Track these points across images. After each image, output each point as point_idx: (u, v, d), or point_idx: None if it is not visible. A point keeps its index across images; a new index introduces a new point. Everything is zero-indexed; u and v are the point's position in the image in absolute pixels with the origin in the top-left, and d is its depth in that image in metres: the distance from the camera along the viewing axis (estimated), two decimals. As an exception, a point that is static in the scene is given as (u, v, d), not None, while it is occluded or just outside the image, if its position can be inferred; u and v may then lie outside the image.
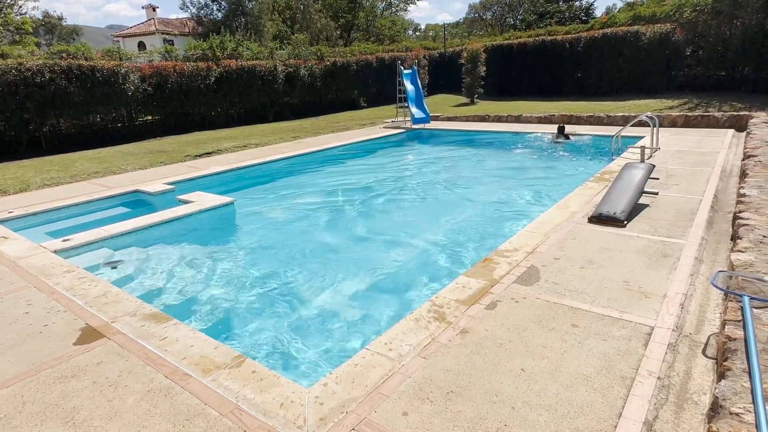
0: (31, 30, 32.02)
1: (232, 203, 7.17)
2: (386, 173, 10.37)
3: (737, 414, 2.12)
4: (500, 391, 2.59)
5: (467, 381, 2.68)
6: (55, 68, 12.94)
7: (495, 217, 7.02)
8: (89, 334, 3.38)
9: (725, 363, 2.52)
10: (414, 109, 15.31)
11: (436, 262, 5.45)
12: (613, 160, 8.65)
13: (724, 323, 2.91)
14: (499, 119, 15.29)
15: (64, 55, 14.41)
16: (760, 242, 3.91)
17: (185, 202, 7.09)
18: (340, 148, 12.35)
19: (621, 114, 13.27)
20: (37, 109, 12.73)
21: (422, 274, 5.13)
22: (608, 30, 19.15)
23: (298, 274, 5.24)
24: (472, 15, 50.95)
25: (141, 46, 41.08)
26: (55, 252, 5.19)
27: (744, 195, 5.24)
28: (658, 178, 6.71)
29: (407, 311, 3.88)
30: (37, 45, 28.23)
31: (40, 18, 48.26)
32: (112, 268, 5.28)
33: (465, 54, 21.30)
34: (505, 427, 2.33)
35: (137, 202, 7.91)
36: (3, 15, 30.22)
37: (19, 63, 12.42)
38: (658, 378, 2.64)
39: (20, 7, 34.67)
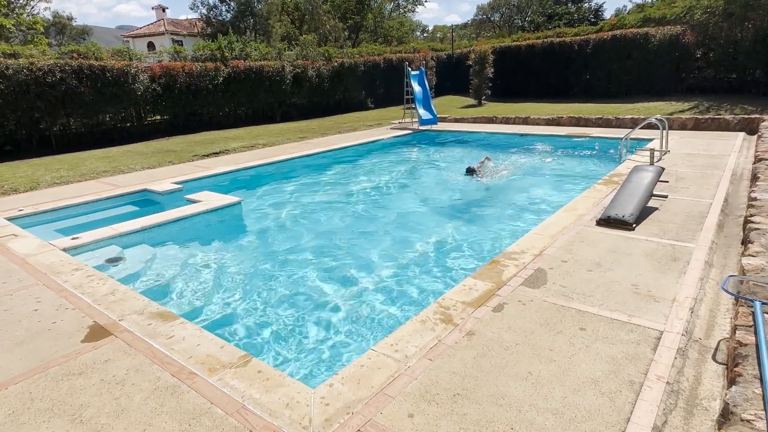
0: (42, 30, 32.37)
1: (239, 203, 7.20)
2: (392, 174, 10.36)
3: (748, 421, 2.09)
4: (507, 394, 2.57)
5: (473, 383, 2.66)
6: (66, 68, 13.07)
7: (500, 218, 6.98)
8: (97, 332, 3.40)
9: (736, 369, 2.49)
10: (421, 111, 15.29)
11: (442, 263, 5.43)
12: (621, 162, 8.58)
13: (734, 328, 2.87)
14: (506, 121, 15.23)
15: (74, 55, 14.56)
16: (772, 247, 3.86)
17: (193, 201, 7.12)
18: (347, 148, 12.37)
19: (630, 116, 13.18)
20: (47, 109, 12.86)
21: (429, 275, 5.12)
22: (617, 32, 19.04)
23: (304, 274, 5.25)
24: (480, 16, 50.86)
25: (150, 46, 41.43)
26: (64, 250, 5.23)
27: (755, 199, 5.19)
28: (667, 181, 6.65)
29: (414, 312, 3.88)
30: (48, 45, 28.54)
31: (50, 18, 48.74)
32: (114, 265, 5.30)
33: (473, 55, 21.26)
34: (512, 430, 2.31)
35: (145, 201, 7.96)
36: (15, 15, 30.58)
37: (30, 63, 12.56)
38: (667, 383, 2.61)
39: (32, 7, 35.08)
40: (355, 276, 5.21)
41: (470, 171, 9.50)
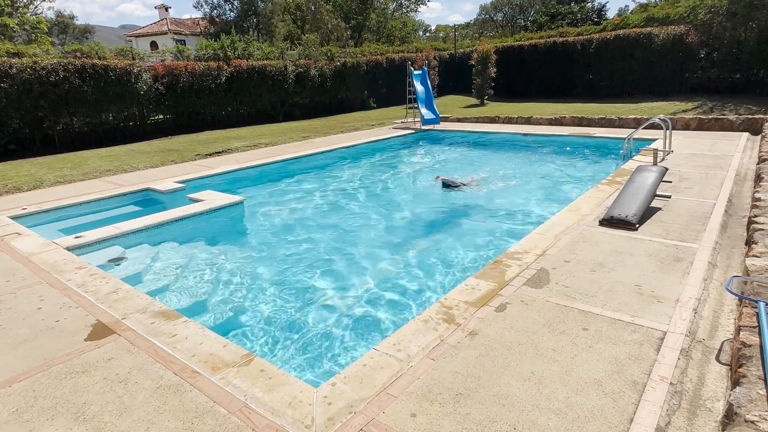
0: (46, 29, 32.46)
1: (241, 202, 7.21)
2: (395, 173, 10.36)
3: (753, 422, 2.08)
4: (509, 394, 2.57)
5: (476, 383, 2.66)
6: (69, 67, 13.10)
7: (504, 220, 6.97)
8: (100, 331, 3.41)
9: (740, 369, 2.48)
10: (424, 110, 15.28)
11: (445, 263, 5.42)
12: (625, 162, 8.56)
13: (738, 329, 2.86)
14: (509, 121, 15.21)
15: (78, 54, 14.58)
16: (776, 247, 3.84)
17: (195, 200, 7.13)
18: (350, 148, 12.37)
19: (633, 116, 13.14)
20: (51, 108, 12.89)
21: (432, 275, 5.11)
22: (620, 31, 18.98)
23: (307, 274, 5.25)
24: (483, 16, 50.75)
25: (153, 45, 41.48)
26: (68, 249, 5.24)
27: (759, 199, 5.17)
28: (670, 182, 6.63)
29: (416, 312, 3.87)
30: (51, 44, 28.63)
31: (53, 18, 48.88)
32: (117, 264, 5.32)
33: (475, 55, 21.23)
34: (514, 430, 2.31)
35: (148, 201, 7.98)
36: (19, 14, 30.68)
37: (34, 62, 12.59)
38: (671, 384, 2.60)
39: (36, 6, 35.19)
40: (358, 275, 5.20)
41: (445, 183, 8.62)
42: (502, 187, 8.65)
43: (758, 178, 6.26)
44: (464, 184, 8.72)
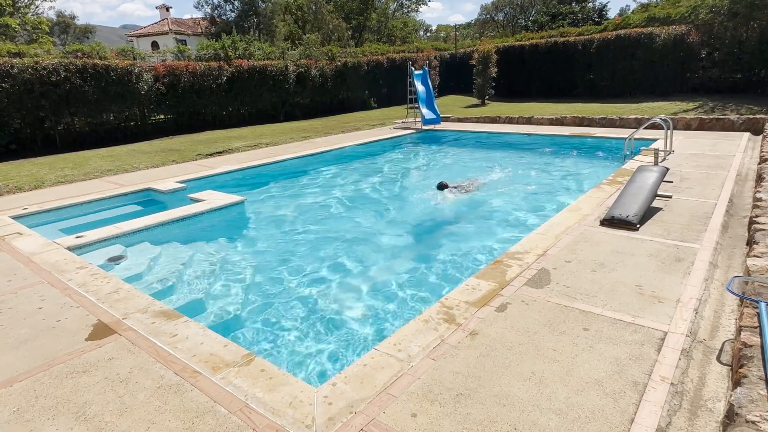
0: (47, 29, 32.51)
1: (242, 202, 7.21)
2: (396, 173, 10.36)
3: (754, 422, 2.07)
4: (510, 394, 2.57)
5: (476, 383, 2.66)
6: (71, 67, 13.12)
7: (504, 220, 6.97)
8: (101, 330, 3.42)
9: (741, 370, 2.47)
10: (424, 110, 15.28)
11: (446, 262, 5.42)
12: (626, 162, 8.55)
13: (739, 329, 2.86)
14: (510, 121, 15.21)
15: (79, 54, 14.61)
16: (777, 247, 3.84)
17: (196, 200, 7.14)
18: (351, 148, 12.37)
19: (634, 116, 13.13)
20: (52, 108, 12.91)
21: (432, 274, 5.11)
22: (622, 31, 18.98)
23: (307, 274, 5.25)
24: (484, 16, 50.71)
25: (154, 45, 41.53)
26: (68, 248, 5.25)
27: (760, 199, 5.16)
28: (671, 182, 6.62)
29: (416, 312, 3.87)
30: (52, 44, 28.65)
31: (54, 18, 48.95)
32: (117, 264, 5.32)
33: (476, 55, 21.24)
34: (515, 430, 2.31)
35: (149, 201, 7.99)
36: (20, 15, 30.72)
37: (35, 62, 12.61)
38: (672, 384, 2.60)
39: (37, 6, 35.24)
40: (358, 275, 5.20)
41: (442, 186, 8.40)
42: (502, 188, 8.64)
43: (759, 178, 6.26)
44: (463, 187, 8.52)
